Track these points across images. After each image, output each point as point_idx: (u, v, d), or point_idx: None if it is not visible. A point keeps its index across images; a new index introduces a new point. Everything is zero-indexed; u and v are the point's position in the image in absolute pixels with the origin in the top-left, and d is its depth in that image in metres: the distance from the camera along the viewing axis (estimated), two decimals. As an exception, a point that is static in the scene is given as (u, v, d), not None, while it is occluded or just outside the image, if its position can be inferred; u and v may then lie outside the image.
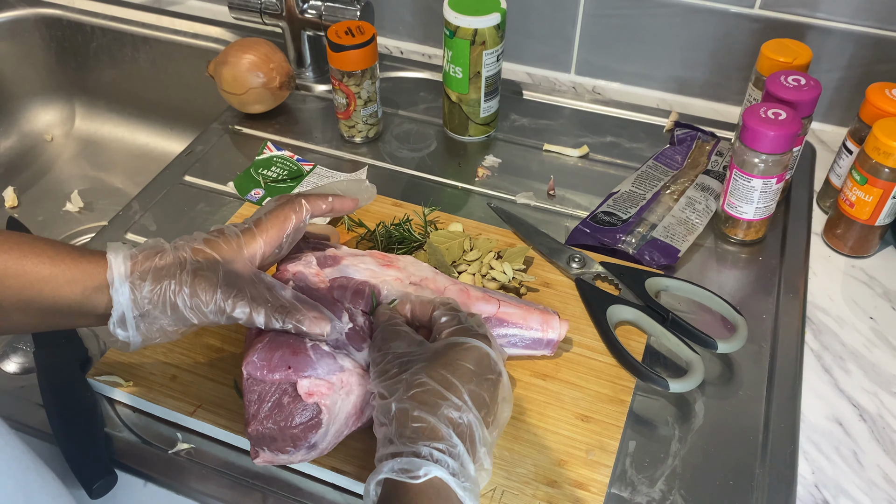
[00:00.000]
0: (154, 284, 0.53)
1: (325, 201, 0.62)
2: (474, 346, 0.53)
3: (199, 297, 0.53)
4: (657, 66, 0.97)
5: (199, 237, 0.56)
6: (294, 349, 0.56)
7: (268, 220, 0.58)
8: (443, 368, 0.51)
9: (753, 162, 0.72)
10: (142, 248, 0.55)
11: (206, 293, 0.53)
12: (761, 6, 0.88)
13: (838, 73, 0.89)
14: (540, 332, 0.63)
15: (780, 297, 0.73)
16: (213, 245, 0.55)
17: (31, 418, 0.63)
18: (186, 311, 0.53)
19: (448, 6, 0.82)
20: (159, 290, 0.53)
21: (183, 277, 0.53)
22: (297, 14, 0.95)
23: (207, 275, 0.53)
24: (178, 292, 0.53)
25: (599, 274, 0.73)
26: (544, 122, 0.95)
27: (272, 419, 0.55)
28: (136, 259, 0.53)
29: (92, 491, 0.57)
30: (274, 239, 0.58)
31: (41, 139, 1.17)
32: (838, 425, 0.64)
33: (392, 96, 0.98)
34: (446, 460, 0.47)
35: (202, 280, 0.53)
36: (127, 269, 0.53)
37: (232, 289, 0.54)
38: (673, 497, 0.58)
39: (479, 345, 0.53)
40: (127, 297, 0.52)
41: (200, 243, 0.55)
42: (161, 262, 0.53)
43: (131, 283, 0.52)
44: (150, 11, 1.11)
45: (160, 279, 0.53)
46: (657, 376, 0.62)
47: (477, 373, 0.51)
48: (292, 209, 0.59)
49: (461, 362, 0.52)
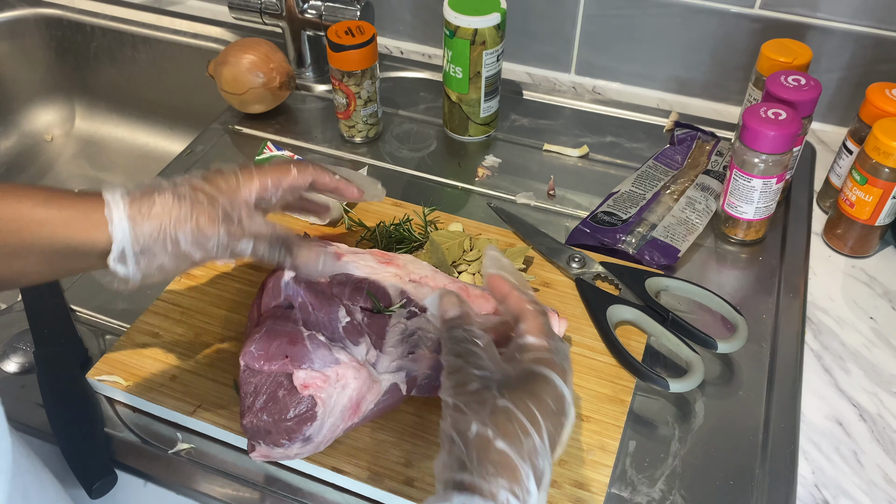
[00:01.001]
0: (154, 220, 0.52)
1: (331, 176, 0.62)
2: (555, 383, 0.48)
3: (201, 231, 0.52)
4: (657, 66, 0.97)
5: (197, 175, 0.56)
6: (292, 339, 0.56)
7: (269, 167, 0.58)
8: (529, 399, 0.47)
9: (753, 162, 0.72)
10: (138, 186, 0.54)
11: (208, 227, 0.53)
12: (761, 6, 0.88)
13: (838, 73, 0.89)
14: None
15: (780, 297, 0.73)
16: (211, 181, 0.55)
17: (31, 418, 0.63)
18: (188, 246, 0.52)
19: (448, 6, 0.82)
20: (159, 226, 0.52)
21: (183, 213, 0.52)
22: (297, 14, 0.95)
23: (208, 210, 0.53)
24: (179, 227, 0.52)
25: (599, 274, 0.73)
26: (544, 122, 0.95)
27: (267, 411, 0.55)
28: (133, 196, 0.52)
29: (92, 491, 0.57)
30: (269, 184, 0.58)
31: (41, 139, 1.17)
32: (838, 425, 0.64)
33: (392, 96, 0.98)
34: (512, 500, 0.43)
35: (203, 215, 0.53)
36: (126, 206, 0.52)
37: (232, 223, 0.54)
38: (673, 497, 0.58)
39: (559, 382, 0.49)
40: (126, 232, 0.51)
41: (199, 180, 0.55)
42: (160, 199, 0.53)
43: (130, 218, 0.51)
44: (150, 11, 1.11)
45: (160, 215, 0.52)
46: (657, 376, 0.62)
47: (555, 412, 0.47)
48: (297, 165, 0.60)
49: (545, 398, 0.47)
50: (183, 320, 0.68)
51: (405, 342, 0.60)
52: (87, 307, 0.72)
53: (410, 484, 0.57)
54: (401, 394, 0.59)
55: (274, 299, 0.61)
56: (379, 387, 0.58)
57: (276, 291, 0.61)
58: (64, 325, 0.69)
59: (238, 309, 0.70)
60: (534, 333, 0.51)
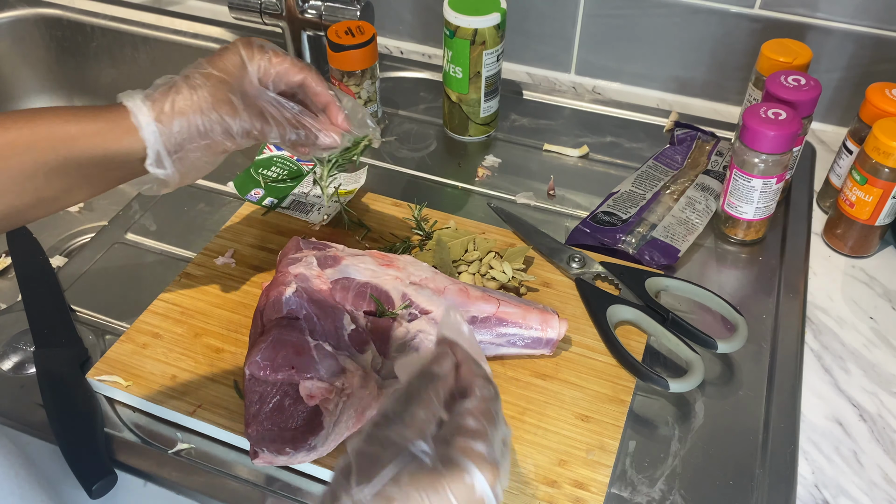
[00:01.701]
0: (180, 116, 0.54)
1: (325, 88, 0.61)
2: (472, 482, 0.40)
3: (224, 120, 0.55)
4: (657, 66, 0.97)
5: (202, 63, 0.58)
6: (298, 349, 0.56)
7: (273, 51, 0.59)
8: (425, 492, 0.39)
9: (753, 162, 0.72)
10: (155, 88, 0.56)
11: (229, 115, 0.55)
12: (761, 6, 0.88)
13: (838, 73, 0.89)
14: (539, 331, 0.63)
15: (780, 297, 0.73)
16: (219, 66, 0.57)
17: (31, 418, 0.63)
18: (216, 135, 0.55)
19: (448, 6, 0.82)
20: (186, 122, 0.54)
21: (204, 104, 0.55)
22: (297, 14, 0.95)
23: (225, 96, 0.55)
24: (203, 118, 0.55)
25: (599, 274, 0.73)
26: (544, 122, 0.95)
27: (272, 420, 0.55)
28: (154, 98, 0.54)
29: (92, 491, 0.57)
30: (267, 65, 0.58)
31: (41, 139, 1.17)
32: (838, 425, 0.64)
33: (392, 96, 0.98)
34: None
35: (222, 103, 0.55)
36: (149, 110, 0.54)
37: (252, 108, 0.56)
38: (673, 497, 0.58)
39: (479, 481, 0.40)
40: (157, 135, 0.54)
41: (207, 66, 0.57)
42: (179, 96, 0.55)
43: (157, 121, 0.54)
44: (150, 11, 1.11)
45: (185, 112, 0.54)
46: (657, 376, 0.62)
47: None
48: (297, 63, 0.60)
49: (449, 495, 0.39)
50: (183, 320, 0.68)
51: (408, 346, 0.60)
52: (87, 307, 0.72)
53: (410, 484, 0.57)
54: (402, 396, 0.59)
55: (276, 314, 0.61)
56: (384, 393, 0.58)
57: (278, 306, 0.61)
58: (64, 325, 0.69)
59: (238, 309, 0.70)
60: (475, 416, 0.42)
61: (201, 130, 0.55)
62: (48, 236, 1.02)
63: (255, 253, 0.75)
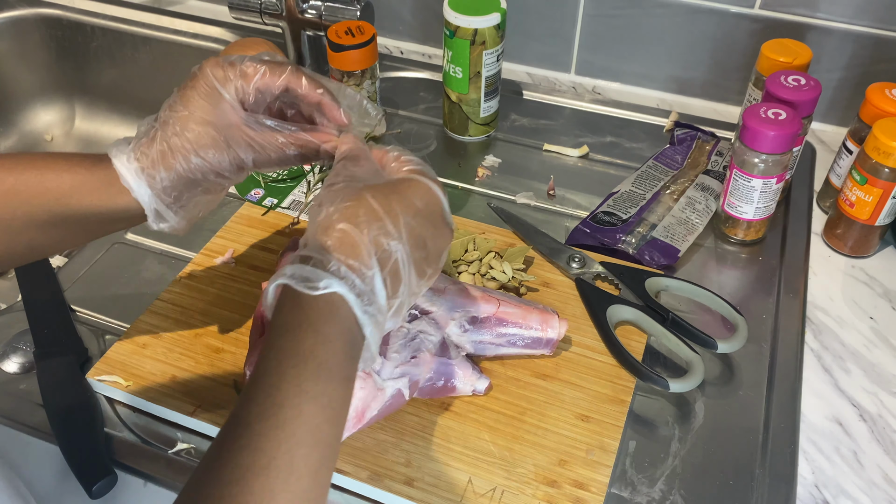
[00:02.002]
0: (167, 171, 0.53)
1: (312, 84, 0.55)
2: (427, 186, 0.50)
3: (210, 162, 0.53)
4: (657, 66, 0.97)
5: (175, 103, 0.53)
6: None
7: (244, 63, 0.54)
8: (388, 194, 0.47)
9: (753, 162, 0.72)
10: (138, 140, 0.54)
11: (214, 156, 0.53)
12: (761, 6, 0.88)
13: (838, 73, 0.89)
14: (539, 331, 0.63)
15: (780, 297, 0.73)
16: (191, 104, 0.53)
17: (31, 418, 0.63)
18: (208, 178, 0.54)
19: (448, 6, 0.82)
20: (176, 176, 0.53)
21: (188, 152, 0.53)
22: (297, 14, 0.95)
23: (207, 138, 0.53)
24: (191, 167, 0.53)
25: (599, 274, 0.73)
26: (544, 122, 0.95)
27: None
28: (139, 154, 0.53)
29: (92, 491, 0.57)
30: (242, 85, 0.54)
31: (41, 139, 1.17)
32: (838, 425, 0.64)
33: (392, 96, 0.98)
34: (353, 280, 0.43)
35: (205, 148, 0.53)
36: (137, 170, 0.52)
37: (238, 141, 0.53)
38: (673, 497, 0.58)
39: (433, 188, 0.50)
40: (149, 194, 0.53)
41: (180, 108, 0.53)
42: (161, 146, 0.53)
43: (147, 182, 0.53)
44: (150, 11, 1.11)
45: (171, 167, 0.53)
46: (657, 376, 0.62)
47: (423, 212, 0.49)
48: (268, 64, 0.55)
49: (409, 196, 0.48)
50: (183, 320, 0.68)
51: (407, 346, 0.60)
52: (87, 307, 0.72)
53: (410, 484, 0.57)
54: (403, 399, 0.59)
55: None
56: (383, 394, 0.58)
57: None
58: (64, 325, 0.69)
59: (238, 309, 0.70)
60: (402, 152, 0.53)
61: (192, 179, 0.53)
62: (48, 236, 1.02)
63: (255, 253, 0.75)
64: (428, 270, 0.50)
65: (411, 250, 0.47)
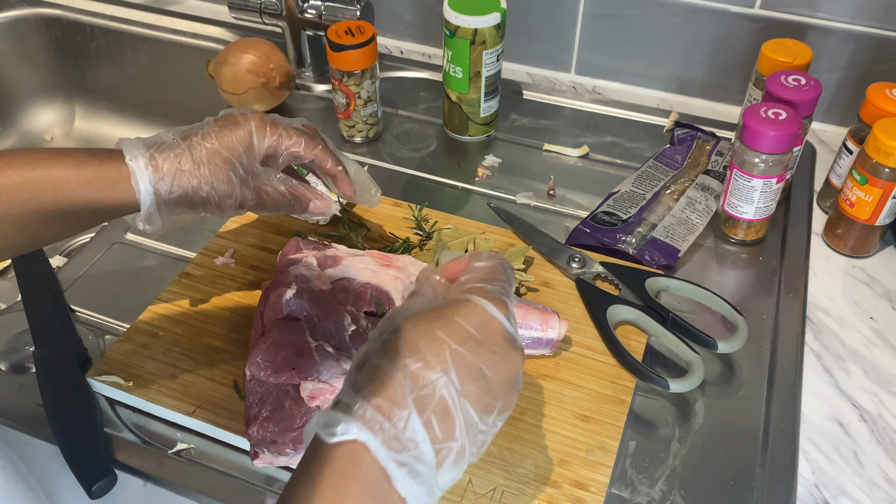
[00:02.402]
0: (178, 186, 0.56)
1: (334, 161, 0.63)
2: (482, 308, 0.42)
3: (219, 195, 0.57)
4: (657, 66, 0.97)
5: (209, 132, 0.58)
6: (299, 350, 0.56)
7: (284, 128, 0.60)
8: (433, 320, 0.41)
9: (753, 162, 0.72)
10: (159, 148, 0.57)
11: (225, 192, 0.57)
12: (761, 6, 0.88)
13: (838, 73, 0.89)
14: (540, 331, 0.63)
15: (780, 297, 0.73)
16: (224, 140, 0.58)
17: (31, 418, 0.63)
18: (208, 205, 0.58)
19: (448, 6, 0.82)
20: (183, 192, 0.56)
21: (204, 179, 0.56)
22: (296, 14, 0.95)
23: (225, 174, 0.57)
24: (200, 192, 0.57)
25: (599, 274, 0.73)
26: (544, 122, 0.95)
27: (273, 421, 0.55)
28: (156, 163, 0.56)
29: (92, 491, 0.57)
30: (278, 144, 0.60)
31: (41, 139, 1.16)
32: (838, 425, 0.64)
33: (392, 96, 0.98)
34: (381, 422, 0.37)
35: (221, 182, 0.57)
36: (150, 175, 0.56)
37: (249, 186, 0.58)
38: (673, 497, 0.58)
39: (489, 308, 0.42)
40: (152, 200, 0.56)
41: (213, 139, 0.58)
42: (181, 168, 0.56)
43: (155, 186, 0.56)
44: (150, 11, 1.11)
45: (183, 185, 0.56)
46: (657, 376, 0.62)
47: (475, 337, 0.41)
48: (309, 140, 0.61)
49: (459, 319, 0.42)
50: (183, 320, 0.68)
51: None
52: (87, 307, 0.72)
53: (410, 484, 0.57)
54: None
55: (277, 315, 0.61)
56: None
57: (278, 308, 0.61)
58: (64, 325, 0.69)
59: (238, 309, 0.70)
60: (478, 259, 0.47)
61: (195, 202, 0.57)
62: (48, 236, 1.02)
63: (255, 253, 0.75)
64: (495, 403, 0.42)
65: (462, 383, 0.40)
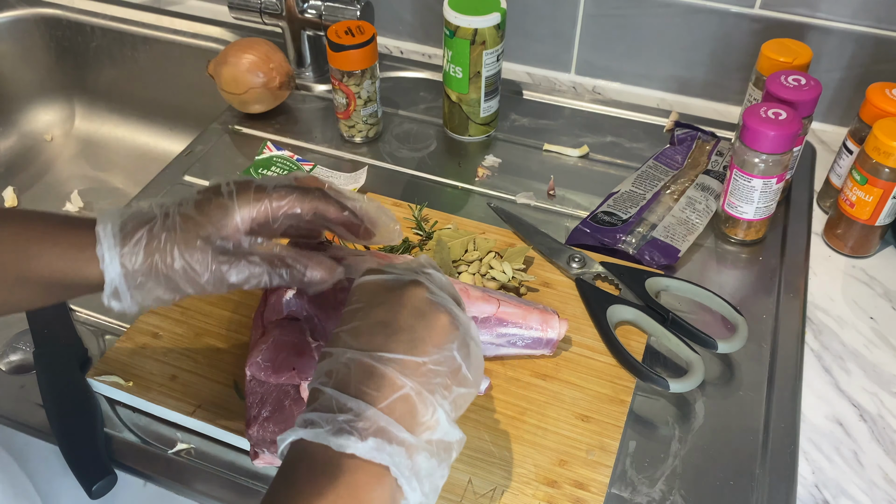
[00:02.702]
0: (146, 258, 0.50)
1: (339, 211, 0.55)
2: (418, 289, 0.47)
3: (193, 269, 0.51)
4: (657, 66, 0.97)
5: (188, 201, 0.53)
6: (299, 350, 0.56)
7: (274, 193, 0.53)
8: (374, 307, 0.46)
9: (753, 162, 0.72)
10: (132, 216, 0.52)
11: (199, 265, 0.51)
12: (761, 6, 0.88)
13: (838, 73, 0.89)
14: (540, 331, 0.63)
15: (780, 297, 0.73)
16: (202, 210, 0.52)
17: (31, 418, 0.63)
18: (182, 283, 0.51)
19: (448, 6, 0.82)
20: (151, 264, 0.50)
21: (175, 250, 0.50)
22: (297, 14, 0.95)
23: (200, 244, 0.51)
24: (171, 265, 0.50)
25: (599, 274, 0.73)
26: (544, 122, 0.95)
27: (273, 421, 0.55)
28: (125, 230, 0.51)
29: (92, 491, 0.57)
30: (266, 211, 0.53)
31: (41, 139, 1.17)
32: (838, 425, 0.64)
33: (392, 96, 0.98)
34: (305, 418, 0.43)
35: (194, 251, 0.51)
36: (117, 243, 0.50)
37: (225, 255, 0.51)
38: (673, 497, 0.58)
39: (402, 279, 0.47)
40: (118, 272, 0.50)
41: (192, 207, 0.52)
42: (151, 234, 0.51)
43: (121, 257, 0.50)
44: (150, 11, 1.11)
45: (151, 252, 0.50)
46: (657, 376, 0.62)
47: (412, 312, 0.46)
48: (298, 192, 0.54)
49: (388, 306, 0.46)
50: (183, 320, 0.68)
51: None
52: (87, 307, 0.72)
53: (410, 484, 0.57)
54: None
55: (277, 315, 0.61)
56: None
57: (278, 308, 0.61)
58: (64, 325, 0.69)
59: (238, 309, 0.70)
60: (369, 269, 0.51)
61: (165, 275, 0.51)
62: (48, 236, 1.02)
63: (255, 253, 0.75)
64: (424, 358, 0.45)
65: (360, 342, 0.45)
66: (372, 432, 0.42)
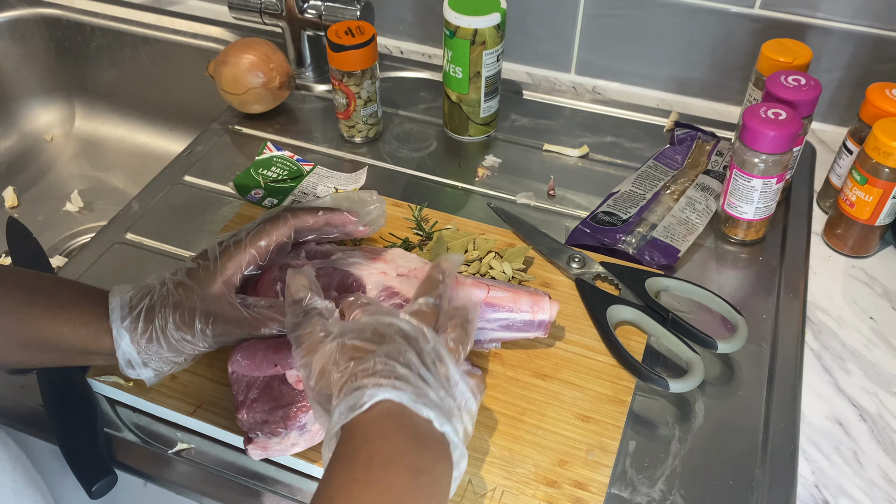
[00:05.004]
0: (145, 325, 0.55)
1: (313, 215, 0.61)
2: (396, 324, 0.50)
3: (181, 329, 0.55)
4: (657, 66, 0.97)
5: (182, 269, 0.58)
6: (275, 347, 0.56)
7: (249, 239, 0.59)
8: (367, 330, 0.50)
9: (753, 162, 0.72)
10: (138, 290, 0.57)
11: (186, 325, 0.55)
12: (761, 6, 0.88)
13: (838, 73, 0.89)
14: (530, 314, 0.63)
15: (780, 297, 0.73)
16: (192, 275, 0.57)
17: (31, 418, 0.63)
18: (176, 343, 0.56)
19: (448, 6, 0.82)
20: (149, 330, 0.55)
21: (166, 314, 0.55)
22: (297, 14, 0.95)
23: (187, 306, 0.56)
24: (164, 328, 0.55)
25: (599, 274, 0.73)
26: (544, 122, 0.95)
27: (262, 401, 0.56)
28: (132, 302, 0.56)
29: (92, 491, 0.57)
30: (252, 258, 0.59)
31: (41, 139, 1.17)
32: (838, 425, 0.64)
33: (392, 96, 0.98)
34: (391, 381, 0.45)
35: (182, 313, 0.56)
36: (125, 315, 0.56)
37: (209, 315, 0.56)
38: (673, 497, 0.58)
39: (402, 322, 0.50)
40: (126, 341, 0.55)
41: (183, 275, 0.57)
42: (150, 303, 0.56)
43: (127, 328, 0.55)
44: (150, 11, 1.11)
45: (150, 320, 0.55)
46: (657, 376, 0.62)
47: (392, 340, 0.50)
48: (274, 227, 0.60)
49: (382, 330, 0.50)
50: (183, 320, 0.68)
51: None
52: (87, 307, 0.72)
53: (410, 484, 0.57)
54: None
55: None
56: None
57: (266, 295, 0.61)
58: (64, 326, 0.69)
59: (238, 309, 0.69)
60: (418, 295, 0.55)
61: (167, 344, 0.56)
62: (48, 236, 1.02)
63: (255, 253, 0.75)
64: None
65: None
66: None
